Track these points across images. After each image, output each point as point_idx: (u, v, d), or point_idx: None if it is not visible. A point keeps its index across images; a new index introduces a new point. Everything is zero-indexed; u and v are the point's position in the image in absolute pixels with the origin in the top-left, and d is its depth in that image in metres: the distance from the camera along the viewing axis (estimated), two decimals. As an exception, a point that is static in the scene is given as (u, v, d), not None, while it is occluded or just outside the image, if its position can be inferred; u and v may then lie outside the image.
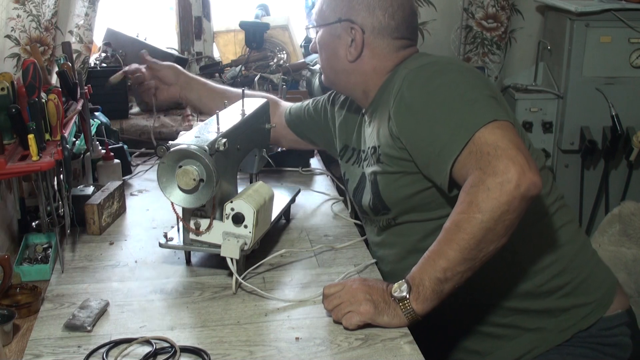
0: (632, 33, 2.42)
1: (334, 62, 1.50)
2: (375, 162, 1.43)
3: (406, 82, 1.34)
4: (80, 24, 2.14)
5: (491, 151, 1.18)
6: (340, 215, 1.77)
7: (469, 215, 1.17)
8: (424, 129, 1.29)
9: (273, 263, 1.50)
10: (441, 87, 1.31)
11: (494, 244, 1.19)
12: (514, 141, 1.19)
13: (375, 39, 1.45)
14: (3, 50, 2.00)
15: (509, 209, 1.16)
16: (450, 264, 1.19)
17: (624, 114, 2.48)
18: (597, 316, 1.40)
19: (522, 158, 1.16)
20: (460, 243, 1.18)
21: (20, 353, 1.17)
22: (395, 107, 1.34)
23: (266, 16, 2.72)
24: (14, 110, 1.35)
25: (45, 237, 1.54)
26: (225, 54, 2.71)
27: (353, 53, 1.46)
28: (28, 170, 1.34)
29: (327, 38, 1.49)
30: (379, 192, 1.43)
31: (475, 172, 1.19)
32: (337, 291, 1.28)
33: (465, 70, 1.37)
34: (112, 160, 1.90)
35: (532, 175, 1.16)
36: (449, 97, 1.29)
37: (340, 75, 1.52)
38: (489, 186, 1.16)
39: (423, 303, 1.22)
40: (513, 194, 1.15)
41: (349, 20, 1.44)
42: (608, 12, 2.41)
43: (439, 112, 1.28)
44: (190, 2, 2.58)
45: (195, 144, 1.33)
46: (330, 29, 1.47)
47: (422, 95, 1.32)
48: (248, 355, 1.17)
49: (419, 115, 1.31)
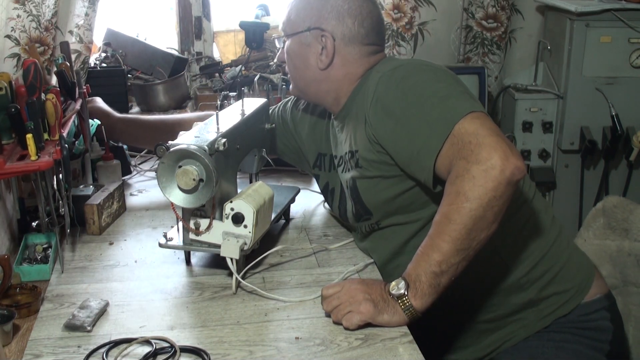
0: (632, 33, 2.42)
1: (304, 71, 1.49)
2: (354, 167, 1.43)
3: (381, 85, 1.34)
4: (80, 24, 2.14)
5: (472, 140, 1.19)
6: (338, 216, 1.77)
7: (457, 206, 1.18)
8: (403, 129, 1.30)
9: (273, 263, 1.50)
10: (415, 86, 1.31)
11: (485, 231, 1.20)
12: (493, 129, 1.21)
13: (346, 46, 1.45)
14: (3, 50, 2.00)
15: (496, 194, 1.17)
16: (444, 257, 1.20)
17: (624, 114, 2.48)
18: (575, 302, 1.42)
19: (503, 144, 1.18)
20: (452, 234, 1.19)
21: (20, 353, 1.17)
22: (372, 110, 1.35)
23: (266, 16, 2.72)
24: (14, 110, 1.35)
25: (45, 237, 1.54)
26: (225, 54, 2.71)
27: (324, 61, 1.45)
28: (27, 169, 1.34)
29: (296, 47, 1.49)
30: (360, 197, 1.43)
31: (459, 163, 1.19)
32: (336, 292, 1.28)
33: (436, 69, 1.38)
34: (112, 160, 1.90)
35: (516, 160, 1.17)
36: (424, 95, 1.29)
37: (310, 84, 1.51)
38: (474, 174, 1.17)
39: (422, 298, 1.22)
40: (499, 179, 1.16)
41: (319, 29, 1.44)
42: (608, 12, 2.41)
43: (416, 110, 1.29)
44: (190, 2, 2.58)
45: (195, 144, 1.33)
46: (300, 37, 1.47)
47: (397, 96, 1.32)
48: (248, 355, 1.17)
49: (396, 116, 1.31)
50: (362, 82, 1.45)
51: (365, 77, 1.45)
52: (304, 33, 1.46)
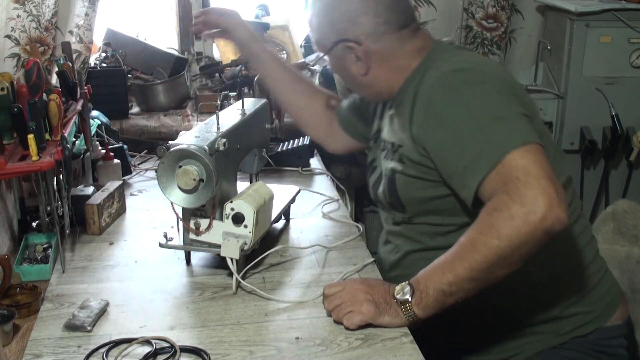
0: (632, 33, 2.42)
1: (352, 81, 1.48)
2: (397, 160, 1.39)
3: (437, 87, 1.28)
4: (80, 24, 2.14)
5: (521, 177, 1.13)
6: (337, 217, 1.77)
7: (486, 238, 1.15)
8: (452, 141, 1.24)
9: (273, 263, 1.50)
10: (473, 98, 1.25)
11: (505, 270, 1.18)
12: (545, 168, 1.15)
13: (375, 44, 1.39)
14: (3, 50, 2.00)
15: (528, 240, 1.13)
16: (457, 280, 1.18)
17: (624, 114, 2.48)
18: (597, 324, 1.39)
19: (552, 190, 1.12)
20: (472, 263, 1.16)
21: (20, 353, 1.17)
22: (422, 112, 1.30)
23: (266, 16, 2.72)
24: (16, 110, 1.35)
25: (45, 237, 1.54)
26: (225, 54, 2.70)
27: (362, 67, 1.41)
28: (28, 170, 1.34)
29: (334, 62, 1.47)
30: (396, 191, 1.39)
31: (501, 196, 1.15)
32: (338, 291, 1.27)
33: (499, 80, 1.30)
34: (112, 160, 1.90)
35: (560, 211, 1.12)
36: (480, 111, 1.23)
37: (364, 89, 1.49)
38: (514, 214, 1.12)
39: (424, 309, 1.22)
40: (536, 226, 1.11)
41: (342, 40, 1.40)
42: (608, 12, 2.41)
43: (469, 125, 1.23)
44: (190, 2, 2.58)
45: (195, 144, 1.33)
46: (332, 54, 1.44)
47: (452, 105, 1.26)
48: (248, 355, 1.17)
49: (447, 125, 1.25)
50: (416, 74, 1.38)
51: (421, 69, 1.38)
52: (333, 49, 1.42)
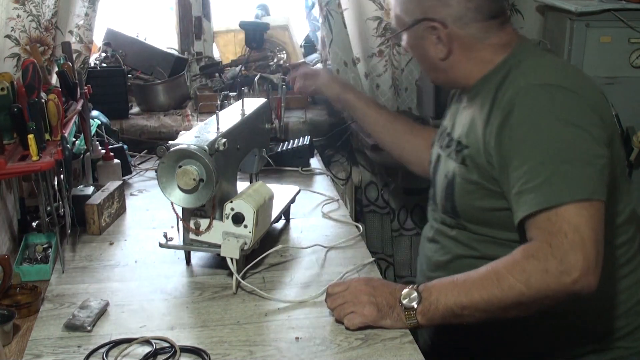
0: (632, 33, 2.42)
1: (428, 63, 1.42)
2: (460, 162, 1.34)
3: (521, 99, 1.22)
4: (80, 24, 2.14)
5: (569, 234, 1.12)
6: (337, 217, 1.77)
7: (514, 281, 1.14)
8: (517, 160, 1.20)
9: (273, 263, 1.50)
10: (554, 127, 1.19)
11: (519, 314, 1.18)
12: (596, 231, 1.13)
13: (461, 29, 1.32)
14: (3, 50, 2.00)
15: (553, 296, 1.13)
16: (470, 306, 1.18)
17: (624, 114, 2.48)
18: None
19: (593, 255, 1.11)
20: (491, 297, 1.16)
21: (20, 353, 1.17)
22: (500, 119, 1.23)
23: (266, 16, 2.72)
24: (16, 110, 1.35)
25: (45, 237, 1.54)
26: (225, 54, 2.71)
27: (442, 50, 1.35)
28: (28, 170, 1.34)
29: (412, 41, 1.40)
30: (453, 197, 1.35)
31: (543, 244, 1.13)
32: (341, 290, 1.27)
33: (588, 108, 1.22)
34: (112, 160, 1.90)
35: (593, 279, 1.11)
36: (556, 145, 1.18)
37: (439, 73, 1.42)
38: (549, 268, 1.11)
39: (429, 321, 1.21)
40: (566, 287, 1.11)
41: (427, 19, 1.34)
42: (608, 12, 2.40)
43: (540, 154, 1.18)
44: (190, 2, 2.58)
45: (195, 144, 1.33)
46: (412, 32, 1.38)
47: (531, 126, 1.20)
48: (248, 355, 1.17)
49: (518, 143, 1.21)
50: (498, 71, 1.32)
51: (504, 67, 1.32)
52: (413, 27, 1.37)
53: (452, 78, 1.41)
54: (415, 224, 2.50)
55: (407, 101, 2.43)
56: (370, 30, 2.31)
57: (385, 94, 2.39)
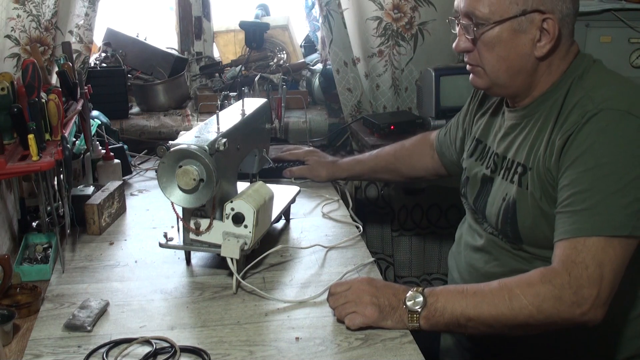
0: (632, 33, 2.42)
1: (513, 62, 1.27)
2: (520, 185, 1.29)
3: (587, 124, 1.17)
4: (80, 24, 2.14)
5: (590, 268, 1.12)
6: (337, 217, 1.77)
7: (525, 302, 1.14)
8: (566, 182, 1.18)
9: (273, 263, 1.50)
10: (612, 158, 1.15)
11: (523, 333, 1.19)
12: (616, 271, 1.13)
13: (563, 28, 1.24)
14: (3, 50, 2.00)
15: (560, 323, 1.14)
16: (477, 319, 1.18)
17: (623, 114, 2.48)
18: None
19: (607, 292, 1.12)
20: (499, 315, 1.16)
21: (20, 353, 1.17)
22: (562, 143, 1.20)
23: (266, 16, 2.72)
24: (16, 110, 1.35)
25: (45, 237, 1.54)
26: (225, 54, 2.71)
27: (545, 47, 1.24)
28: (28, 170, 1.34)
29: (505, 35, 1.25)
30: (516, 224, 1.29)
31: (562, 271, 1.13)
32: (343, 290, 1.26)
33: None
34: (112, 160, 1.90)
35: (600, 313, 1.13)
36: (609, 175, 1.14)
37: (517, 76, 1.29)
38: (562, 297, 1.12)
39: (432, 326, 1.21)
40: (574, 318, 1.13)
41: (538, 11, 1.22)
42: (608, 12, 2.40)
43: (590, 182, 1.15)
44: (190, 2, 2.58)
45: (195, 143, 1.33)
46: (512, 23, 1.24)
47: (590, 152, 1.16)
48: (248, 355, 1.17)
49: (573, 167, 1.18)
50: (559, 88, 1.27)
51: (565, 82, 1.27)
52: (518, 18, 1.23)
53: (529, 83, 1.30)
54: (415, 224, 2.50)
55: (407, 101, 2.43)
56: (370, 30, 2.32)
57: (385, 94, 2.39)
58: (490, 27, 1.25)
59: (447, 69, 2.24)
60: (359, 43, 2.35)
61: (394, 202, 2.46)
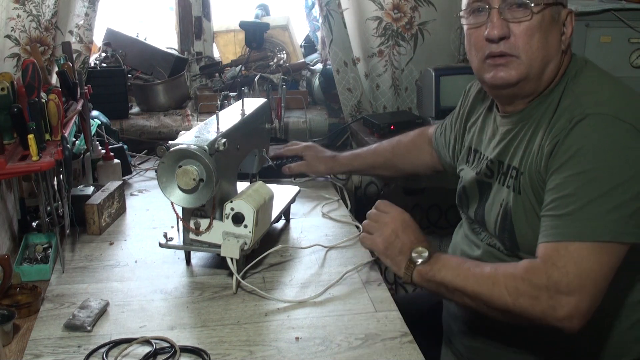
0: (632, 33, 2.42)
1: (549, 51, 1.26)
2: (515, 191, 1.28)
3: (573, 129, 1.17)
4: (80, 24, 2.14)
5: (570, 275, 1.09)
6: (337, 217, 1.77)
7: (505, 292, 1.14)
8: (551, 186, 1.18)
9: (273, 263, 1.50)
10: (598, 163, 1.14)
11: (504, 319, 1.19)
12: (598, 280, 1.10)
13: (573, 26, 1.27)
14: (3, 50, 2.00)
15: (534, 320, 1.13)
16: (462, 291, 1.20)
17: (624, 114, 2.48)
18: None
19: (587, 304, 1.09)
20: (480, 294, 1.17)
21: (20, 353, 1.17)
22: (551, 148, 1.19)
23: (266, 16, 2.72)
24: (16, 110, 1.36)
25: (45, 237, 1.54)
26: (225, 54, 2.71)
27: (567, 41, 1.26)
28: (28, 170, 1.34)
29: (547, 21, 1.24)
30: (513, 231, 1.29)
31: (542, 274, 1.12)
32: (383, 211, 1.36)
33: None
34: (112, 160, 1.90)
35: (577, 324, 1.10)
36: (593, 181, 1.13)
37: (547, 68, 1.27)
38: (540, 297, 1.11)
39: (422, 281, 1.25)
40: (547, 319, 1.11)
41: (561, 4, 1.26)
42: (608, 12, 2.40)
43: (573, 187, 1.14)
44: (190, 2, 2.58)
45: (195, 143, 1.33)
46: (552, 10, 1.24)
47: (575, 158, 1.16)
48: (248, 355, 1.17)
49: (558, 172, 1.17)
50: (555, 91, 1.27)
51: (559, 86, 1.27)
52: (556, 6, 1.25)
53: (549, 78, 1.29)
54: (415, 224, 2.50)
55: (407, 101, 2.43)
56: (370, 30, 2.32)
57: (385, 94, 2.39)
58: (538, 10, 1.23)
59: (447, 69, 2.23)
60: (359, 43, 2.35)
61: (394, 202, 2.45)
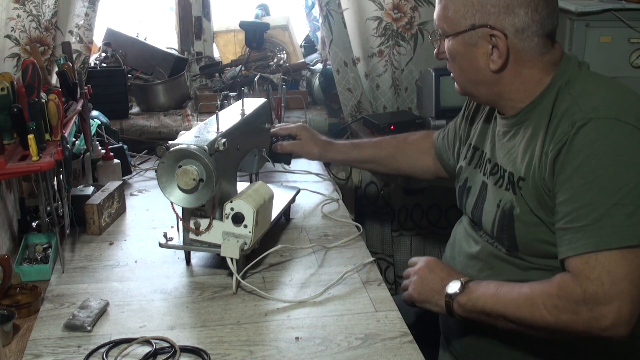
0: (632, 33, 2.42)
1: (473, 74, 1.29)
2: (513, 193, 1.28)
3: (576, 134, 1.15)
4: (80, 24, 2.14)
5: (606, 283, 1.09)
6: (337, 217, 1.77)
7: (545, 312, 1.15)
8: (565, 197, 1.16)
9: (273, 263, 1.50)
10: (609, 168, 1.13)
11: (550, 337, 1.20)
12: (635, 283, 1.09)
13: (520, 41, 1.23)
14: (3, 50, 2.00)
15: (579, 334, 1.14)
16: (504, 317, 1.21)
17: (623, 114, 2.48)
18: None
19: (629, 308, 1.09)
20: (522, 318, 1.19)
21: (20, 353, 1.17)
22: (555, 154, 1.18)
23: (266, 16, 2.72)
24: (16, 110, 1.36)
25: (45, 237, 1.54)
26: (225, 54, 2.71)
27: (497, 62, 1.24)
28: (28, 170, 1.34)
29: (460, 48, 1.27)
30: (513, 232, 1.28)
31: (577, 288, 1.11)
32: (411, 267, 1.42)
33: None
34: (112, 160, 1.90)
35: (624, 329, 1.10)
36: (609, 186, 1.12)
37: (480, 87, 1.31)
38: (579, 312, 1.11)
39: (465, 313, 1.28)
40: (593, 332, 1.11)
41: (486, 26, 1.22)
42: (608, 12, 2.40)
43: (591, 195, 1.13)
44: (190, 2, 2.58)
45: (195, 143, 1.33)
46: (464, 37, 1.25)
47: (585, 165, 1.14)
48: (248, 355, 1.17)
49: (570, 180, 1.16)
50: (546, 96, 1.25)
51: (552, 89, 1.25)
52: (468, 32, 1.25)
53: (497, 93, 1.30)
54: (416, 224, 2.50)
55: (407, 101, 2.43)
56: (370, 30, 2.32)
57: (385, 94, 2.39)
58: (448, 40, 1.29)
59: (447, 69, 2.23)
60: (359, 43, 2.35)
61: (394, 202, 2.46)
